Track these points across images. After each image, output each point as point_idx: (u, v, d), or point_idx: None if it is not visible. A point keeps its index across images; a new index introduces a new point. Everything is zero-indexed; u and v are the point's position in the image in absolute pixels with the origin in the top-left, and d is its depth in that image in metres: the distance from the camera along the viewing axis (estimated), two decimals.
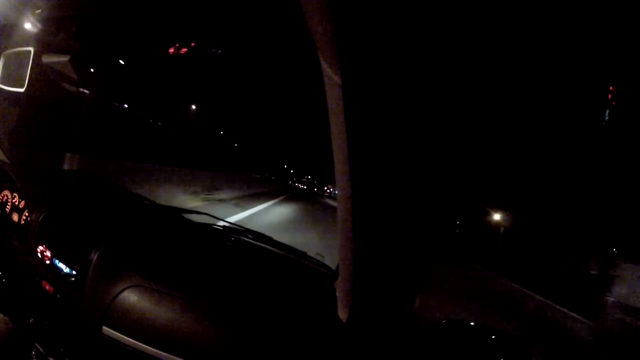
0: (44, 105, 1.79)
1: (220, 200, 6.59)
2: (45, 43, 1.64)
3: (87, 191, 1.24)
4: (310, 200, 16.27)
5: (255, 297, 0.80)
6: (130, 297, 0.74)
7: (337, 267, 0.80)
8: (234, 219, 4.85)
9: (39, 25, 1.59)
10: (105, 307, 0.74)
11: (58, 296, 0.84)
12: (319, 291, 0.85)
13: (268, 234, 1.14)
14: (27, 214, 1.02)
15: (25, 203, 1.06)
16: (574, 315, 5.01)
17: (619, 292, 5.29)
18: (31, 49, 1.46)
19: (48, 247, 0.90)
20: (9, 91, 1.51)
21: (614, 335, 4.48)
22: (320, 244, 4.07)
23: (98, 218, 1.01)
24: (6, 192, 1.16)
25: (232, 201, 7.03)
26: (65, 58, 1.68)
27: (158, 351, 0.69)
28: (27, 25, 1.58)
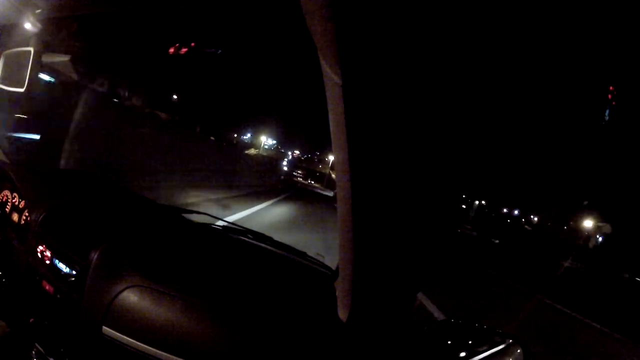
0: (45, 106, 1.79)
1: None
2: (45, 43, 1.64)
3: (87, 191, 1.24)
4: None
5: (255, 297, 0.80)
6: (130, 297, 0.74)
7: (337, 267, 0.80)
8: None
9: (39, 25, 1.59)
10: (105, 307, 0.74)
11: (58, 296, 0.84)
12: (318, 291, 0.85)
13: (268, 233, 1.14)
14: (27, 214, 1.02)
15: (25, 203, 1.06)
16: None
17: None
18: (31, 49, 1.46)
19: (48, 247, 0.90)
20: (9, 91, 1.50)
21: None
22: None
23: (98, 218, 1.01)
24: (6, 192, 1.15)
25: None
26: (65, 58, 1.68)
27: (158, 351, 0.69)
28: (27, 25, 1.58)
